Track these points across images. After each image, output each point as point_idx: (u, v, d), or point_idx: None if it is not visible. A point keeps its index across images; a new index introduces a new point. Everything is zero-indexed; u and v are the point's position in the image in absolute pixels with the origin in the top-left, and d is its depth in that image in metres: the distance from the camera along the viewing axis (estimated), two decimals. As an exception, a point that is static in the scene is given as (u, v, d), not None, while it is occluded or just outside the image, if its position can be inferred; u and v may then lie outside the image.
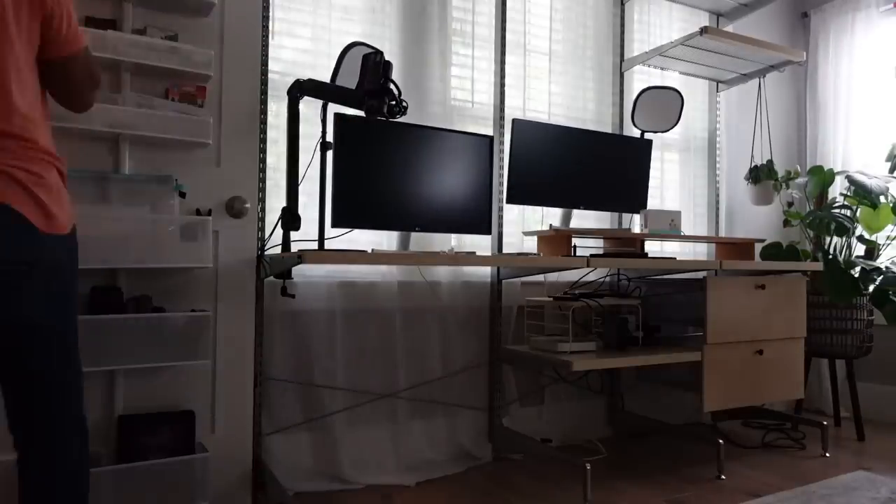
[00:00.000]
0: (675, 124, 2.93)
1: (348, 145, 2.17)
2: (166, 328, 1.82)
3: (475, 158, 2.43)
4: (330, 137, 2.08)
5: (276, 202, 2.26)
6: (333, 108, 2.12)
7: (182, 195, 1.91)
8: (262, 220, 2.25)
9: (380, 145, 2.23)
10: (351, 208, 2.18)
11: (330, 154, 2.11)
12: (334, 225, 2.13)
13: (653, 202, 2.94)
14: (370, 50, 2.03)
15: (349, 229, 2.27)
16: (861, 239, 3.18)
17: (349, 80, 2.01)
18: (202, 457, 1.87)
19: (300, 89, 2.01)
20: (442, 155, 2.35)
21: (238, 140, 2.05)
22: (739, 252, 2.88)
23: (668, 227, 2.71)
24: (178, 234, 1.84)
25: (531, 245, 2.75)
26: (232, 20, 2.06)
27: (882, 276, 2.99)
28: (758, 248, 2.97)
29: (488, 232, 2.47)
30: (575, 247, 2.49)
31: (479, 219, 2.44)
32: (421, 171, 2.31)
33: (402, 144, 2.28)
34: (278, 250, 2.12)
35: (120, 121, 1.78)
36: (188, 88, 1.93)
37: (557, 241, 2.46)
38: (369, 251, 2.10)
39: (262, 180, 2.25)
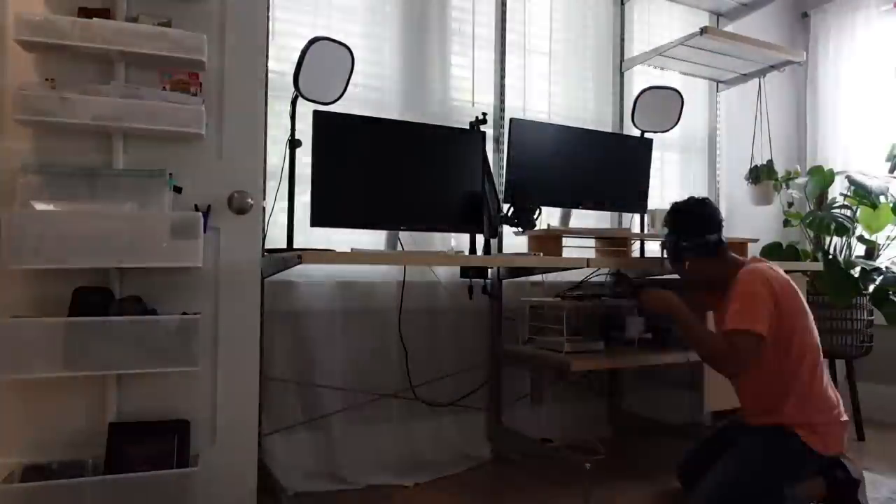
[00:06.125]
0: (675, 124, 2.92)
1: (328, 142, 2.08)
2: (158, 331, 1.68)
3: (465, 154, 2.35)
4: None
5: (279, 202, 2.25)
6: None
7: (178, 190, 1.79)
8: (264, 219, 2.21)
9: (361, 142, 2.15)
10: (332, 207, 2.09)
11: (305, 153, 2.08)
12: (313, 224, 2.06)
13: (653, 202, 2.94)
14: (338, 45, 2.04)
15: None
16: (861, 239, 3.18)
17: (312, 76, 2.03)
18: (189, 471, 1.69)
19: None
20: (427, 151, 2.27)
21: (240, 133, 1.90)
22: (739, 252, 2.87)
23: None
24: (169, 232, 1.69)
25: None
26: (233, 5, 1.90)
27: (882, 276, 2.99)
28: (758, 248, 2.97)
29: (480, 231, 2.37)
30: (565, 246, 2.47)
31: (468, 217, 2.35)
32: (406, 168, 2.23)
33: (385, 141, 2.21)
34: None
35: (103, 113, 1.65)
36: (181, 76, 1.80)
37: (546, 241, 2.43)
38: (349, 250, 2.07)
39: (265, 178, 2.23)
